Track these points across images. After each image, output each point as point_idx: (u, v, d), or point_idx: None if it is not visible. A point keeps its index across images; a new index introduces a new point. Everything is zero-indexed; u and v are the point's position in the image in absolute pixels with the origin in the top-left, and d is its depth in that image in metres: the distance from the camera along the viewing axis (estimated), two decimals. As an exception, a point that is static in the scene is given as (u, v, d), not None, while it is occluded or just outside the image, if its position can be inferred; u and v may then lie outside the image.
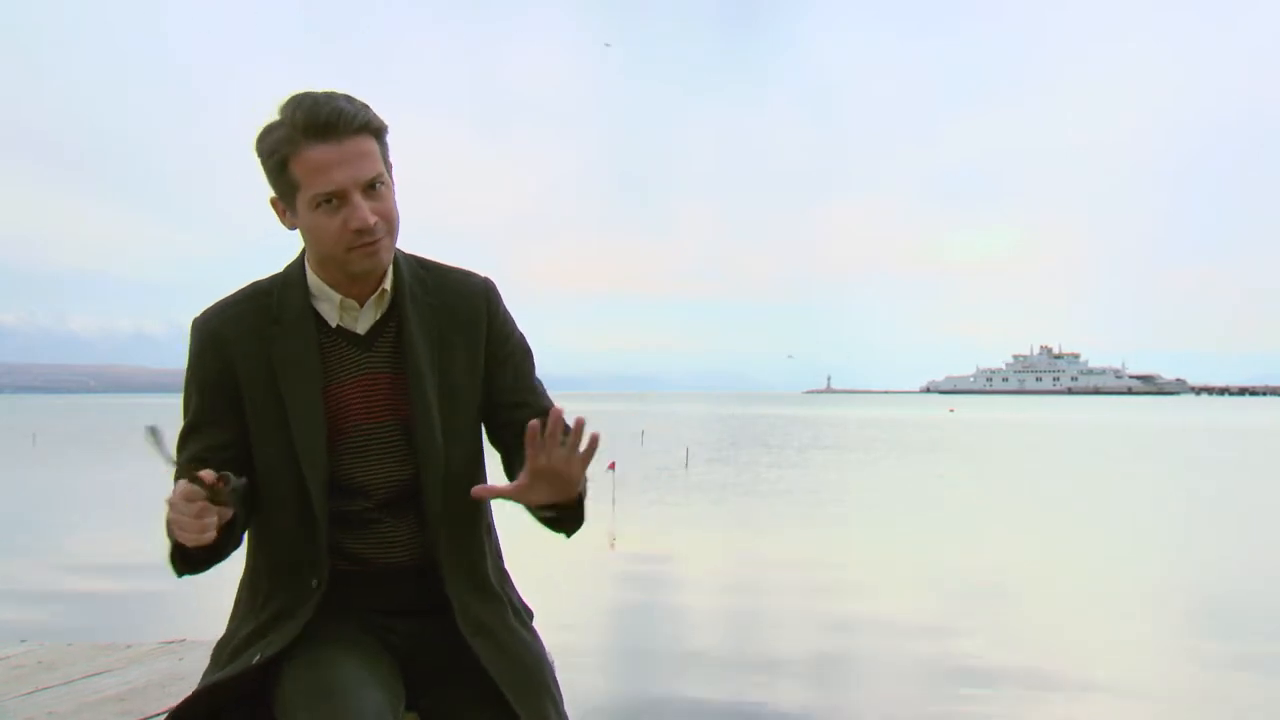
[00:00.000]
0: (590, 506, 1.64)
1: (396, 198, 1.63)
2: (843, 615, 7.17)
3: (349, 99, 1.56)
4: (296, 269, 1.69)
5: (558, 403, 1.66)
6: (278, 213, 1.64)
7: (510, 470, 1.70)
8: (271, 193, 1.63)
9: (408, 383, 1.67)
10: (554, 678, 1.72)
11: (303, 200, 1.57)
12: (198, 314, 1.70)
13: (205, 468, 1.50)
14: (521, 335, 1.82)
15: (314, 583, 1.62)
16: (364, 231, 1.56)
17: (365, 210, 1.55)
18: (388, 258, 1.63)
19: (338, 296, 1.66)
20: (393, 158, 1.64)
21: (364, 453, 1.66)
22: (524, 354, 1.81)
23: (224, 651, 1.65)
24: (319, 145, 1.53)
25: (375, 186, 1.57)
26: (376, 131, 1.59)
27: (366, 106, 1.58)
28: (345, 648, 1.59)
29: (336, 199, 1.55)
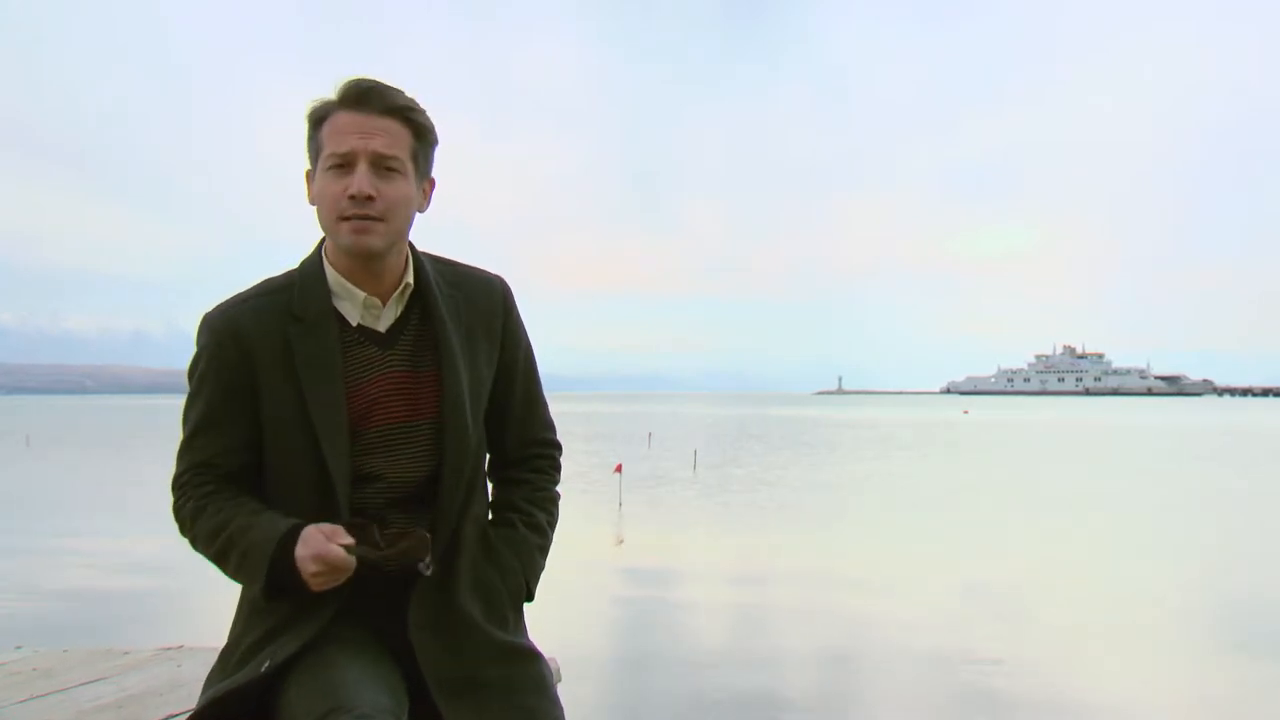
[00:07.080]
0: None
1: (425, 203, 1.67)
2: (849, 618, 7.13)
3: (400, 93, 1.62)
4: (313, 266, 1.67)
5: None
6: (307, 184, 1.66)
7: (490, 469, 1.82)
8: (307, 164, 1.66)
9: (432, 380, 1.67)
10: (554, 682, 1.70)
11: (321, 162, 1.61)
12: (209, 310, 1.67)
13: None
14: (529, 339, 1.83)
15: None
16: (358, 199, 1.57)
17: (367, 180, 1.57)
18: (378, 244, 1.61)
19: (361, 294, 1.64)
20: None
21: (381, 451, 1.65)
22: (532, 360, 1.83)
23: (232, 657, 1.62)
24: (348, 112, 1.60)
25: (389, 167, 1.60)
26: (410, 122, 1.62)
27: (413, 102, 1.63)
28: (350, 652, 1.56)
29: (346, 163, 1.58)
